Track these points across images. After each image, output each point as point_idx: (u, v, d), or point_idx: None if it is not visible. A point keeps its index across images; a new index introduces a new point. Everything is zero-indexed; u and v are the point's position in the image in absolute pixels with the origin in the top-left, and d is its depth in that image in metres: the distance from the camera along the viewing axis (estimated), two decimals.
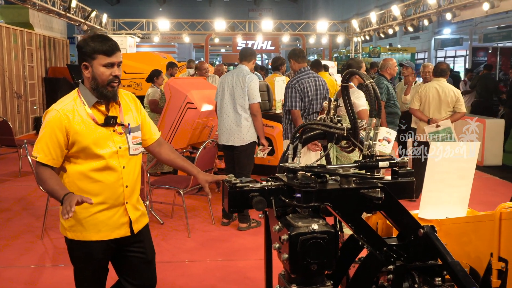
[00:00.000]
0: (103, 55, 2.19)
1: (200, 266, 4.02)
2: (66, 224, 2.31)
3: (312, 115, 4.65)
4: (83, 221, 2.28)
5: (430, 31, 24.14)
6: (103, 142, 2.24)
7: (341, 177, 1.91)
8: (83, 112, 2.24)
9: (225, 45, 31.11)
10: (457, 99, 5.60)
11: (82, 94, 2.26)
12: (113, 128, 2.28)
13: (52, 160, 2.21)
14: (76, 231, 2.29)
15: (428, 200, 2.42)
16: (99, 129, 2.24)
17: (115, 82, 2.24)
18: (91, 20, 14.54)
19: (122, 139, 2.30)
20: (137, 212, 2.41)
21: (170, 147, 2.59)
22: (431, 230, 1.90)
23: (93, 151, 2.22)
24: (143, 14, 23.37)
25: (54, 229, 4.76)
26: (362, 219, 1.91)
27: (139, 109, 2.46)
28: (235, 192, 1.91)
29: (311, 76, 4.70)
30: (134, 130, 2.36)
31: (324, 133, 2.43)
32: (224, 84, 4.86)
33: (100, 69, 2.20)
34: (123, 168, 2.30)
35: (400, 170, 2.08)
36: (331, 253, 1.79)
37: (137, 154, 2.39)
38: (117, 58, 2.23)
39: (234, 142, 4.79)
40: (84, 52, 2.21)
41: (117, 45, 2.27)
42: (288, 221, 1.84)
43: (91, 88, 2.24)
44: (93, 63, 2.21)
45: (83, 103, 2.25)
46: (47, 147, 2.19)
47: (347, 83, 2.22)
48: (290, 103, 4.60)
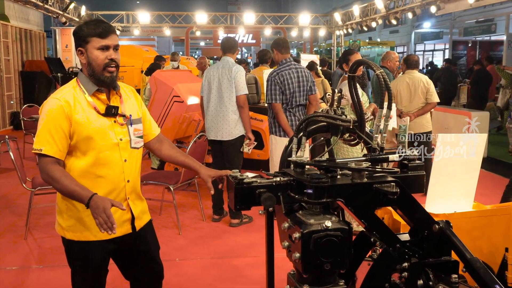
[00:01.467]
0: (96, 37, 2.09)
1: (194, 264, 3.91)
2: (64, 224, 2.19)
3: (296, 108, 4.54)
4: (83, 220, 2.16)
5: (409, 25, 24.34)
6: (104, 132, 2.13)
7: (353, 171, 1.82)
8: (83, 101, 2.13)
9: (205, 38, 30.83)
10: (427, 89, 5.55)
11: (82, 83, 2.16)
12: (114, 119, 2.18)
13: (59, 152, 2.07)
14: (76, 231, 2.17)
15: (435, 194, 2.36)
16: (101, 119, 2.14)
17: (112, 66, 2.12)
18: (69, 12, 14.16)
19: (124, 130, 2.20)
20: (139, 208, 2.31)
21: (170, 143, 2.48)
22: (446, 226, 1.83)
23: (94, 141, 2.11)
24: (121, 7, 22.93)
25: (38, 228, 4.59)
26: (375, 215, 1.83)
27: (140, 103, 2.36)
28: (242, 188, 1.81)
29: (292, 68, 4.54)
30: (135, 122, 2.26)
31: (328, 125, 2.35)
32: (210, 78, 4.72)
33: (95, 52, 2.10)
34: (124, 161, 2.19)
35: (410, 164, 2.01)
36: (345, 252, 1.71)
37: (138, 148, 2.29)
38: (112, 40, 2.12)
39: (223, 136, 4.68)
40: (78, 37, 2.12)
41: (112, 27, 2.16)
42: (299, 218, 1.74)
43: (88, 74, 2.14)
44: (88, 47, 2.11)
45: (83, 92, 2.14)
46: (51, 138, 2.05)
47: (355, 73, 2.14)
48: (270, 96, 4.48)
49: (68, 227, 2.18)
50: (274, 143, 4.54)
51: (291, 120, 4.49)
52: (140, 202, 2.33)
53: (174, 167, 5.89)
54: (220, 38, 19.98)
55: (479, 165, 2.40)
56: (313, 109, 4.61)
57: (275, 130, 4.53)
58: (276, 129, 4.51)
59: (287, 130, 4.43)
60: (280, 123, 4.45)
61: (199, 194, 4.98)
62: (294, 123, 4.49)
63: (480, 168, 2.43)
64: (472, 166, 2.39)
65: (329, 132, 2.40)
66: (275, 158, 4.53)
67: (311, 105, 4.59)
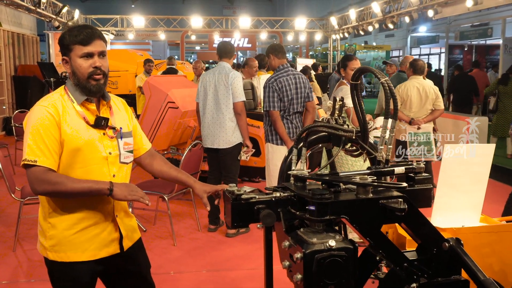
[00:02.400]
0: (78, 45, 1.95)
1: (189, 278, 3.77)
2: (46, 244, 2.03)
3: (293, 116, 4.43)
4: (67, 240, 2.00)
5: (405, 29, 24.34)
6: (93, 145, 1.99)
7: (358, 186, 1.71)
8: (72, 110, 1.99)
9: (200, 42, 30.72)
10: (437, 96, 5.51)
11: (70, 91, 2.02)
12: (104, 131, 2.04)
13: (54, 164, 1.92)
14: (59, 251, 2.01)
15: (441, 207, 2.25)
16: (90, 130, 2.00)
17: (98, 74, 1.98)
18: (62, 16, 14.02)
19: (113, 144, 2.06)
20: (127, 226, 2.16)
21: (162, 158, 2.34)
22: (457, 244, 1.72)
23: (81, 154, 1.97)
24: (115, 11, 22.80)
25: (28, 239, 4.44)
26: (381, 232, 1.72)
27: (131, 117, 2.23)
28: (240, 205, 1.70)
29: (290, 74, 4.42)
30: (126, 135, 2.12)
31: (329, 136, 2.24)
32: (205, 84, 4.59)
33: (78, 61, 1.96)
34: (113, 176, 2.04)
35: (416, 176, 1.91)
36: (350, 272, 1.60)
37: (128, 163, 2.14)
38: (96, 47, 1.97)
39: (220, 144, 4.55)
40: (62, 45, 2.00)
41: (97, 33, 1.99)
42: (300, 237, 1.63)
43: (74, 84, 2.01)
44: (71, 55, 1.98)
45: (71, 100, 2.00)
46: (46, 148, 1.89)
47: (357, 81, 2.03)
48: (268, 103, 4.34)
49: (50, 247, 2.02)
50: (271, 152, 4.42)
51: (288, 128, 4.38)
52: (128, 220, 2.19)
53: None
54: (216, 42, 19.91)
55: (487, 176, 2.30)
56: (310, 116, 4.50)
57: (271, 138, 4.42)
58: (273, 137, 4.40)
59: (284, 139, 4.32)
60: (278, 131, 4.34)
61: (194, 203, 4.85)
62: (292, 130, 4.39)
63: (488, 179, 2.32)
64: (479, 177, 2.29)
65: (330, 143, 2.31)
66: (271, 166, 4.42)
67: (308, 112, 4.48)
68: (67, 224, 1.99)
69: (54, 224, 2.01)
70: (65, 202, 1.99)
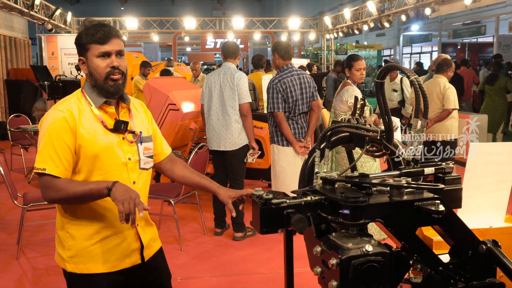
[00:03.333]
0: (95, 44, 1.87)
1: (199, 284, 3.69)
2: (64, 254, 1.94)
3: (298, 116, 4.38)
4: (86, 251, 1.92)
5: (396, 28, 24.41)
6: (111, 150, 1.90)
7: (391, 188, 1.65)
8: (89, 114, 1.90)
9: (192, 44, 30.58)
10: (443, 94, 5.43)
11: (87, 93, 1.93)
12: (123, 135, 1.94)
13: (64, 172, 1.84)
14: (78, 263, 1.92)
15: (467, 208, 2.20)
16: (108, 135, 1.91)
17: (116, 74, 1.89)
18: (55, 18, 13.87)
19: (132, 149, 1.97)
20: (148, 235, 2.07)
21: (183, 163, 2.25)
22: (494, 246, 1.67)
23: (100, 160, 1.88)
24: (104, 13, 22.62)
25: (31, 247, 4.34)
26: (416, 235, 1.66)
27: (150, 120, 2.14)
28: (269, 210, 1.63)
29: (294, 74, 4.37)
30: (146, 140, 2.03)
31: (350, 136, 2.19)
32: (210, 85, 4.51)
33: (95, 61, 1.88)
34: (133, 183, 1.96)
35: (446, 177, 1.86)
36: (386, 278, 1.54)
37: (148, 168, 2.05)
38: (114, 45, 1.89)
39: (226, 146, 4.48)
40: (79, 45, 1.91)
41: (114, 31, 1.91)
42: (334, 242, 1.57)
43: (91, 85, 1.93)
44: (88, 55, 1.89)
45: (89, 104, 1.91)
46: (56, 156, 1.82)
47: (383, 79, 1.98)
48: (272, 104, 4.29)
49: (69, 258, 1.93)
50: (277, 153, 4.37)
51: (294, 128, 4.34)
52: (149, 229, 2.10)
53: None
54: (209, 43, 19.85)
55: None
56: (316, 116, 4.49)
57: (277, 140, 4.37)
58: (278, 138, 4.35)
59: (290, 140, 4.28)
60: (283, 132, 4.29)
61: (200, 206, 4.77)
62: (297, 131, 4.35)
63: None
64: (504, 177, 2.24)
65: (352, 143, 2.25)
66: (278, 168, 4.36)
67: (313, 111, 4.45)
68: (86, 234, 1.91)
69: (73, 234, 1.93)
70: (82, 211, 1.91)
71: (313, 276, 1.63)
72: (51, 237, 4.63)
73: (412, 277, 1.83)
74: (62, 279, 1.93)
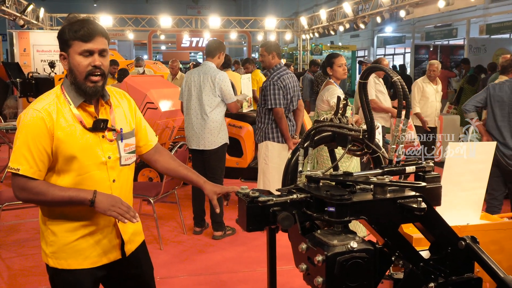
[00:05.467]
0: (78, 41, 1.83)
1: (180, 283, 3.67)
2: (47, 250, 1.95)
3: (290, 113, 4.52)
4: (67, 247, 1.92)
5: (370, 29, 24.75)
6: (90, 150, 1.89)
7: (375, 186, 1.69)
8: (68, 113, 1.87)
9: (167, 42, 30.33)
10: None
11: (66, 91, 1.90)
12: (103, 134, 1.93)
13: (38, 173, 1.82)
14: (60, 258, 1.93)
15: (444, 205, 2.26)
16: (87, 134, 1.89)
17: (96, 74, 1.86)
18: (27, 14, 13.54)
19: (113, 147, 1.95)
20: (130, 230, 2.07)
21: (170, 155, 2.22)
22: (473, 242, 1.73)
23: (78, 161, 1.86)
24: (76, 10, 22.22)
25: (6, 247, 4.24)
26: (399, 232, 1.71)
27: (133, 110, 2.11)
28: (255, 208, 1.65)
29: (289, 72, 4.55)
30: (127, 136, 2.01)
31: (333, 135, 2.22)
32: (190, 83, 4.49)
33: (76, 58, 1.84)
34: (113, 181, 1.96)
35: (426, 175, 1.91)
36: (371, 274, 1.58)
37: (129, 164, 2.04)
38: (97, 44, 1.85)
39: (205, 146, 4.47)
40: (61, 40, 1.87)
41: (99, 29, 1.88)
42: (320, 239, 1.60)
43: (70, 83, 1.90)
44: (70, 51, 1.86)
45: (68, 102, 1.89)
46: (31, 156, 1.80)
47: (367, 79, 2.02)
48: (273, 100, 4.34)
49: (51, 254, 1.94)
50: (271, 149, 4.41)
51: (288, 125, 4.44)
52: (132, 224, 2.06)
53: (148, 176, 5.63)
54: (184, 42, 19.72)
55: (488, 174, 2.33)
56: (302, 114, 4.63)
57: (272, 136, 4.42)
58: (274, 135, 4.41)
59: (286, 136, 4.38)
60: (283, 128, 4.37)
61: (179, 205, 4.75)
62: (290, 128, 4.45)
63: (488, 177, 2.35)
64: (481, 175, 2.31)
65: (334, 142, 2.28)
66: (270, 165, 4.40)
67: (299, 110, 4.58)
68: (67, 231, 1.92)
69: (53, 230, 1.93)
70: (62, 209, 1.91)
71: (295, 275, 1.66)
72: (26, 237, 4.55)
73: (393, 273, 1.87)
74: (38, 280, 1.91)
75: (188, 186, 6.34)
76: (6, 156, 7.51)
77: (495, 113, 4.01)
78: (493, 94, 4.04)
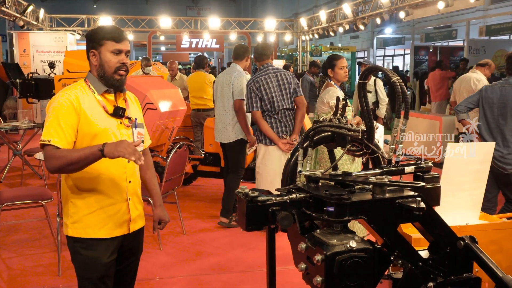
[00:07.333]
0: (111, 41, 2.18)
1: (180, 282, 3.67)
2: (68, 221, 2.23)
3: (280, 113, 4.44)
4: (86, 217, 2.20)
5: (370, 30, 24.78)
6: (109, 132, 2.19)
7: (374, 185, 1.70)
8: (92, 99, 2.19)
9: (166, 43, 30.31)
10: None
11: (91, 82, 2.23)
12: (120, 120, 2.24)
13: (67, 145, 2.09)
14: (78, 228, 2.21)
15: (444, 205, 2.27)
16: (108, 118, 2.20)
17: (123, 69, 2.20)
18: (27, 15, 13.55)
19: (128, 132, 2.27)
20: (137, 212, 2.34)
21: (149, 163, 2.52)
22: (472, 242, 1.73)
23: (100, 140, 2.13)
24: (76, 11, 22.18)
25: (5, 247, 4.24)
26: (398, 232, 1.71)
27: (140, 111, 2.44)
28: (255, 207, 1.65)
29: (270, 72, 4.50)
30: (139, 126, 2.33)
31: (332, 135, 2.23)
32: (217, 83, 5.00)
33: (108, 55, 2.18)
34: (127, 162, 2.23)
35: (425, 175, 1.92)
36: (370, 273, 1.59)
37: (140, 151, 2.21)
38: (126, 46, 2.22)
39: (223, 139, 4.89)
40: (92, 39, 2.20)
41: (125, 34, 2.27)
42: (319, 239, 1.61)
43: (98, 76, 2.21)
44: (101, 49, 2.19)
45: (92, 91, 2.21)
46: (61, 130, 2.08)
47: (366, 80, 2.03)
48: (249, 104, 4.48)
49: (71, 224, 2.22)
50: (262, 152, 4.45)
51: (276, 126, 4.41)
52: (140, 206, 2.36)
53: None
54: (184, 43, 19.71)
55: (487, 174, 2.33)
56: (301, 112, 4.56)
57: (261, 139, 4.45)
58: (262, 138, 4.42)
59: (271, 137, 4.36)
60: (262, 130, 4.39)
61: (178, 205, 4.76)
62: (280, 129, 4.41)
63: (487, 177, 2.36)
64: (480, 176, 2.32)
65: (333, 143, 2.29)
66: (262, 167, 4.42)
67: (298, 108, 4.53)
68: (86, 203, 2.19)
69: (75, 203, 2.21)
70: (83, 183, 2.18)
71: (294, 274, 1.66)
72: (26, 237, 4.56)
73: (392, 273, 1.88)
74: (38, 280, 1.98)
75: (188, 186, 6.35)
76: (6, 157, 7.51)
77: (486, 114, 4.03)
78: (485, 96, 4.05)
